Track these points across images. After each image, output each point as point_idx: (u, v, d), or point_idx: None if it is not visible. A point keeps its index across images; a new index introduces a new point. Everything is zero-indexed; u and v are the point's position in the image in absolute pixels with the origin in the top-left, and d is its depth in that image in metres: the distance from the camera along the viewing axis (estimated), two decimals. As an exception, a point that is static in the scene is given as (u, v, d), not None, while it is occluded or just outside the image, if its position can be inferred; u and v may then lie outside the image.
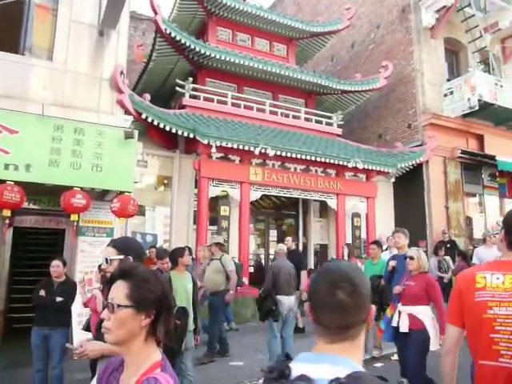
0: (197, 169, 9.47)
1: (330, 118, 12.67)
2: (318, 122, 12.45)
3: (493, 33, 12.94)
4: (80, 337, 4.47)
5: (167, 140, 9.51)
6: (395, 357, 5.60)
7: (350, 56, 15.18)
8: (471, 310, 1.97)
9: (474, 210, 13.11)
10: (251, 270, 11.13)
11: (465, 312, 2.01)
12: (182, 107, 10.68)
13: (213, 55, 10.46)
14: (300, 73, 11.71)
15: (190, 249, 7.06)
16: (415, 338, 4.24)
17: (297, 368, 1.07)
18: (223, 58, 10.57)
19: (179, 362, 4.28)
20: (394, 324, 4.52)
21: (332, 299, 1.08)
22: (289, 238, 8.27)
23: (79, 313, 6.09)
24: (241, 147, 9.35)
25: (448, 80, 12.76)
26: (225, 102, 11.20)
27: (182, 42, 10.05)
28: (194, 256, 8.93)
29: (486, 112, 12.09)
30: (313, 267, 11.60)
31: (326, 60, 16.15)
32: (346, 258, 7.90)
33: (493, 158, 12.06)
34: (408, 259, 4.46)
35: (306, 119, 12.30)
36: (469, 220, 12.68)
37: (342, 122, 12.84)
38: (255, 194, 10.19)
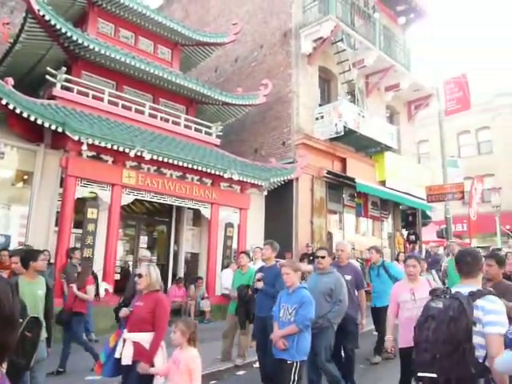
0: (64, 166, 8.69)
1: (209, 127, 12.78)
2: (197, 130, 12.46)
3: (359, 68, 14.44)
4: None
5: (31, 132, 8.59)
6: (257, 364, 5.74)
7: (233, 70, 15.57)
8: None
9: (334, 225, 14.30)
10: (117, 277, 10.56)
11: None
12: (52, 98, 9.78)
13: (91, 47, 9.81)
14: (183, 79, 11.62)
15: (48, 252, 6.43)
16: (139, 372, 3.47)
17: (453, 289, 2.63)
18: (103, 51, 9.98)
19: (30, 375, 3.84)
20: (117, 355, 3.67)
21: (464, 259, 2.81)
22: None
23: None
24: (115, 148, 8.86)
25: (320, 105, 13.84)
26: (101, 99, 10.56)
27: (58, 27, 9.24)
28: (53, 260, 8.18)
29: (350, 138, 13.38)
30: (182, 276, 11.48)
31: (209, 70, 16.32)
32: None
33: (353, 180, 13.35)
34: (137, 277, 3.81)
35: (186, 126, 12.22)
36: (330, 235, 13.76)
37: (221, 133, 13.04)
38: (127, 198, 9.73)
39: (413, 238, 17.02)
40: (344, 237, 14.10)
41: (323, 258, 4.91)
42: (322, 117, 13.17)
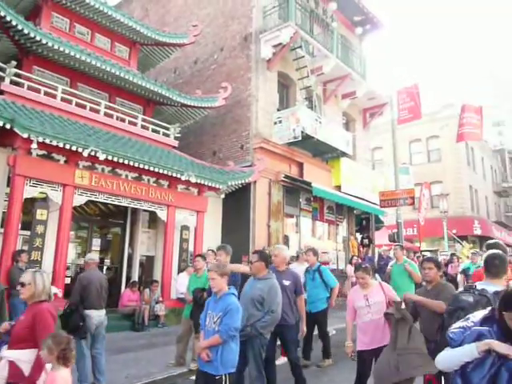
0: (11, 165, 8.29)
1: (167, 129, 12.62)
2: (154, 131, 12.27)
3: (317, 75, 14.73)
4: None
5: (-24, 128, 8.15)
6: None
7: (192, 72, 15.46)
8: None
9: (291, 229, 14.47)
10: (68, 281, 10.18)
11: None
12: (0, 93, 9.34)
13: (44, 42, 9.44)
14: (140, 79, 11.41)
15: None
16: None
17: (479, 286, 2.91)
18: (56, 47, 9.62)
19: None
20: None
21: (493, 261, 3.06)
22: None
23: None
24: (67, 147, 8.55)
25: (278, 110, 13.99)
26: (54, 96, 10.19)
27: (8, 19, 8.82)
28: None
29: (307, 143, 13.60)
30: (137, 279, 11.23)
31: (168, 71, 16.13)
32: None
33: (309, 184, 13.57)
34: (19, 286, 3.34)
35: (143, 127, 12.01)
36: (286, 238, 13.90)
37: (179, 135, 12.90)
38: (80, 199, 9.41)
39: (366, 241, 17.52)
40: (300, 240, 14.31)
41: (254, 262, 4.61)
42: (281, 121, 13.32)
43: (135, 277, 11.46)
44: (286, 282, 5.13)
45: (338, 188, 15.31)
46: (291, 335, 5.20)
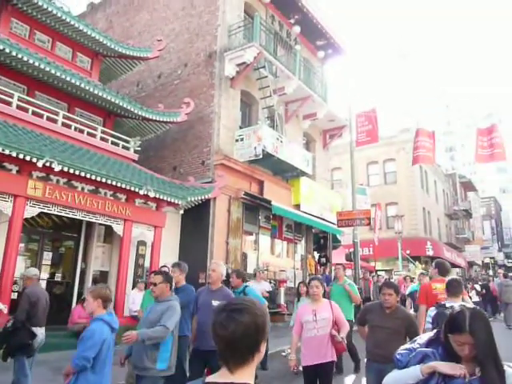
0: (-42, 173, 7.93)
1: (127, 141, 12.45)
2: (114, 143, 12.07)
3: (280, 95, 15.03)
4: None
5: None
6: None
7: (155, 86, 15.39)
8: None
9: (249, 247, 14.48)
10: (15, 296, 9.70)
11: None
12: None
13: (1, 47, 9.17)
14: (101, 90, 11.24)
15: None
16: None
17: (448, 304, 3.46)
18: (14, 53, 9.36)
19: None
20: None
21: (453, 283, 4.23)
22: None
23: None
24: (21, 156, 8.26)
25: (240, 127, 14.13)
26: (9, 103, 9.87)
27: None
28: None
29: (268, 162, 13.76)
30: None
31: (131, 84, 15.99)
32: None
33: (269, 202, 13.69)
34: None
35: (102, 139, 11.79)
36: (245, 256, 13.90)
37: (139, 148, 12.75)
38: (32, 211, 9.07)
39: (323, 260, 17.79)
40: (259, 258, 14.34)
41: (156, 284, 4.22)
42: (242, 139, 13.44)
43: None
44: (215, 302, 4.67)
45: (298, 207, 15.53)
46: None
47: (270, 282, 13.10)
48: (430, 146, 14.86)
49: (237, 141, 13.55)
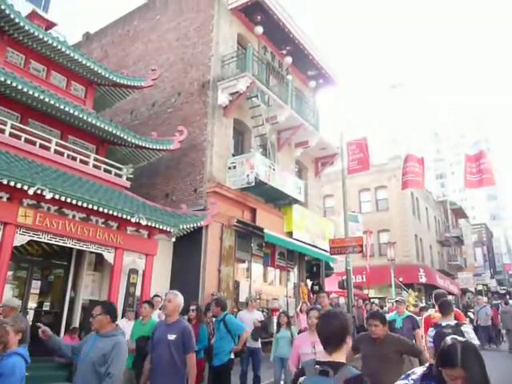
0: None
1: (120, 169, 12.45)
2: (106, 171, 12.07)
3: (272, 124, 15.23)
4: None
5: None
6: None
7: (149, 114, 15.55)
8: None
9: (242, 275, 14.36)
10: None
11: None
12: None
13: (-4, 76, 9.25)
14: (95, 118, 11.32)
15: None
16: None
17: (443, 323, 4.87)
18: (8, 82, 9.44)
19: None
20: None
21: (445, 303, 5.29)
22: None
23: None
24: (12, 184, 8.22)
25: (233, 155, 14.23)
26: (2, 131, 9.89)
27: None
28: None
29: (260, 189, 13.82)
30: (78, 325, 10.64)
31: (125, 112, 16.14)
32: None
33: (261, 230, 13.67)
34: None
35: (95, 166, 11.79)
36: (237, 284, 13.77)
37: (131, 176, 12.75)
38: (21, 238, 8.95)
39: (316, 288, 17.64)
40: (251, 286, 14.20)
41: (97, 316, 3.88)
42: (235, 167, 13.52)
43: (76, 322, 10.86)
44: (171, 336, 4.31)
45: (290, 234, 15.51)
46: None
47: (263, 311, 12.93)
48: (419, 171, 15.03)
49: (229, 168, 13.63)
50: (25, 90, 9.73)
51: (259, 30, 15.88)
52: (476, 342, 4.43)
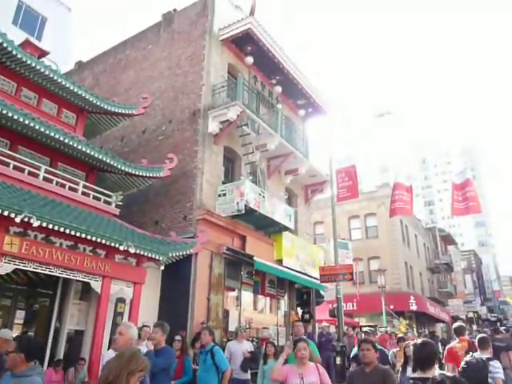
0: None
1: (109, 196, 12.39)
2: (96, 198, 11.99)
3: (262, 151, 15.36)
4: None
5: None
6: None
7: (140, 141, 15.60)
8: None
9: (231, 303, 14.17)
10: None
11: None
12: None
13: (-14, 104, 9.27)
14: (85, 145, 11.32)
15: None
16: None
17: (477, 356, 5.25)
18: (-1, 109, 9.46)
19: None
20: None
21: (484, 340, 5.88)
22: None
23: None
24: (-1, 211, 8.13)
25: (223, 183, 14.27)
26: (-10, 158, 9.84)
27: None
28: None
29: (250, 217, 13.80)
30: (62, 357, 10.34)
31: (115, 139, 16.18)
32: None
33: (251, 257, 13.58)
34: None
35: (84, 193, 11.72)
36: (226, 313, 13.56)
37: (121, 203, 12.68)
38: (6, 267, 8.77)
39: (307, 316, 17.43)
40: (241, 315, 14.00)
41: (10, 353, 3.50)
42: (225, 194, 13.53)
43: (61, 354, 10.55)
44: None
45: (280, 262, 15.42)
46: None
47: (253, 341, 12.70)
48: (407, 199, 15.20)
49: (219, 196, 13.63)
50: (15, 117, 9.74)
51: (249, 60, 16.20)
52: (500, 376, 4.98)
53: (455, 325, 7.19)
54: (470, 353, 5.41)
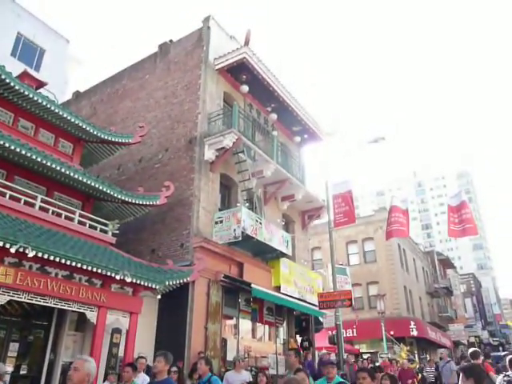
0: None
1: (105, 225, 12.35)
2: (92, 227, 11.96)
3: (258, 178, 15.43)
4: None
5: None
6: None
7: (136, 169, 15.68)
8: None
9: (229, 331, 13.96)
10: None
11: None
12: None
13: (-16, 135, 9.34)
14: (82, 174, 11.36)
15: None
16: None
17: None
18: (-4, 140, 9.53)
19: None
20: None
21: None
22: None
23: None
24: (-6, 242, 8.09)
25: (220, 210, 14.28)
26: (-14, 188, 9.84)
27: None
28: None
29: (247, 243, 13.75)
30: (56, 390, 10.09)
31: (112, 168, 16.26)
32: None
33: (249, 284, 13.46)
34: None
35: (80, 222, 11.69)
36: (224, 341, 13.34)
37: (117, 231, 12.64)
38: (0, 298, 8.66)
39: (306, 344, 17.14)
40: (239, 343, 13.77)
41: None
42: (222, 221, 13.52)
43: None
44: None
45: (278, 288, 15.28)
46: None
47: (251, 370, 12.45)
48: (403, 221, 15.18)
49: (216, 223, 13.62)
50: (12, 147, 9.80)
51: (245, 88, 16.48)
52: None
53: (470, 350, 7.81)
54: (504, 373, 5.38)
